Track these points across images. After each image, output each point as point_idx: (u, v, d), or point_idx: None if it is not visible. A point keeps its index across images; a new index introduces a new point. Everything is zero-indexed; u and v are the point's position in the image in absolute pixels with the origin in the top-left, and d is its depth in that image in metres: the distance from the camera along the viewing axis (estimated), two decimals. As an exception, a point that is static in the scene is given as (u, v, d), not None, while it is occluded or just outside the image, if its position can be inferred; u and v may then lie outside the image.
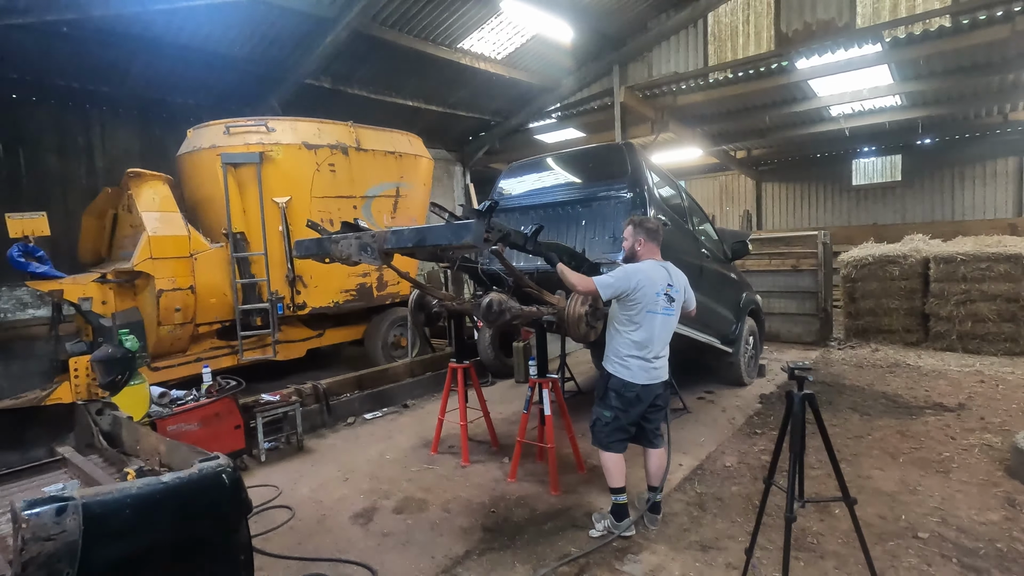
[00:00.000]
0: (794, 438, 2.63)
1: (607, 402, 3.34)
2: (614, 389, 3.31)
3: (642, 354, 3.26)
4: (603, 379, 3.40)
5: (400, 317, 7.77)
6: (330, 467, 4.56)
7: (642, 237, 3.34)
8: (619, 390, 3.29)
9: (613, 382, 3.31)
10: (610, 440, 3.36)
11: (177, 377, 6.16)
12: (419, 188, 7.88)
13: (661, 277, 3.27)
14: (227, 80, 8.58)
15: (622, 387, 3.28)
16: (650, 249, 3.35)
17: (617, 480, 3.36)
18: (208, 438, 4.27)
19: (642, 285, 3.18)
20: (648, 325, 3.23)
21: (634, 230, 3.36)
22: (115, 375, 3.82)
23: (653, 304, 3.21)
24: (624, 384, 3.28)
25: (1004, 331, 7.35)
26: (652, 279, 3.23)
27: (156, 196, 6.05)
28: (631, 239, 3.37)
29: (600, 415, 3.39)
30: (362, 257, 3.25)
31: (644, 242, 3.34)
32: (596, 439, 3.43)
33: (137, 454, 2.99)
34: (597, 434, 3.42)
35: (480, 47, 9.52)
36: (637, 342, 3.25)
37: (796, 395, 2.65)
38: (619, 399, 3.30)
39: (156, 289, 5.75)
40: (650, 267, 3.27)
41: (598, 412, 3.40)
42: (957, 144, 12.69)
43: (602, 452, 3.39)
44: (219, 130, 6.43)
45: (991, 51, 7.88)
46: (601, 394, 3.40)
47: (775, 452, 2.80)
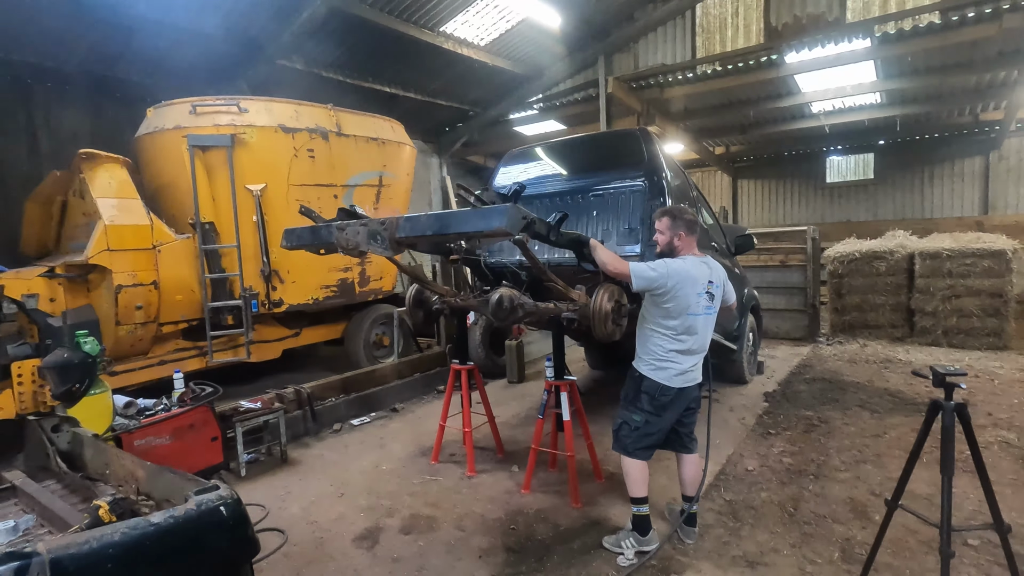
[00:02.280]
0: (946, 457, 2.24)
1: (638, 405, 3.05)
2: (647, 392, 3.02)
3: (680, 357, 2.99)
4: (634, 381, 3.10)
5: (383, 315, 7.31)
6: (321, 481, 4.11)
7: (682, 230, 3.02)
8: (653, 393, 3.01)
9: (647, 385, 3.02)
10: (637, 446, 3.07)
11: (137, 383, 5.56)
12: (402, 178, 7.43)
13: (702, 275, 2.99)
14: (190, 57, 7.88)
15: (657, 391, 3.00)
16: (689, 243, 3.05)
17: (641, 489, 3.07)
18: (181, 453, 3.78)
19: (681, 287, 2.89)
20: (689, 327, 2.96)
21: (672, 222, 3.03)
22: (72, 383, 3.27)
23: (695, 306, 2.94)
24: (659, 388, 2.99)
25: (988, 326, 7.47)
26: (693, 279, 2.93)
27: (113, 181, 5.42)
28: (669, 232, 3.04)
29: (628, 419, 3.08)
30: (371, 246, 2.85)
31: (684, 236, 3.03)
32: (620, 444, 3.13)
33: (106, 479, 2.51)
34: (623, 439, 3.11)
35: (464, 31, 9.10)
36: (677, 344, 2.97)
37: (947, 406, 2.27)
38: (652, 403, 3.01)
39: (114, 285, 5.15)
40: (692, 265, 2.97)
41: (626, 416, 3.09)
42: (928, 143, 13.05)
43: (625, 459, 3.10)
44: (184, 109, 5.83)
45: (975, 49, 8.00)
46: (632, 397, 3.09)
47: (905, 470, 2.50)
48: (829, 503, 3.54)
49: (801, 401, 5.58)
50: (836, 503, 3.54)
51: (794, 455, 4.30)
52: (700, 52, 9.06)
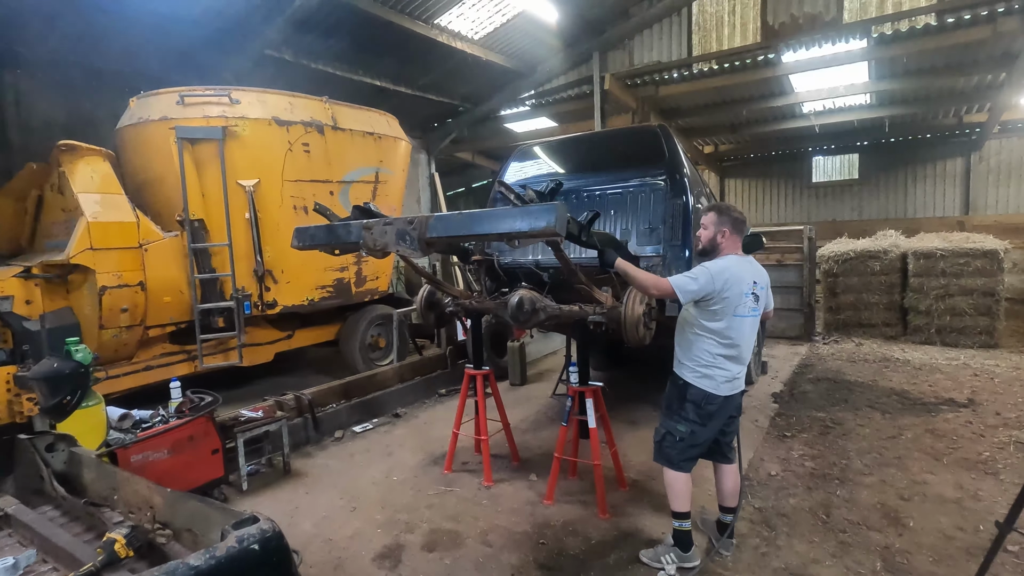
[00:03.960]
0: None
1: (683, 415, 2.90)
2: (693, 401, 2.87)
3: (728, 363, 2.85)
4: (677, 389, 2.94)
5: (379, 316, 7.07)
6: (330, 494, 3.89)
7: (727, 228, 2.86)
8: (699, 402, 2.86)
9: (692, 393, 2.87)
10: (682, 458, 2.93)
11: (120, 390, 5.23)
12: (398, 174, 7.20)
13: (748, 274, 2.85)
14: (172, 45, 7.49)
15: (703, 399, 2.85)
16: (734, 242, 2.89)
17: (684, 503, 2.93)
18: (181, 467, 3.53)
19: (730, 286, 2.75)
20: (737, 330, 2.81)
21: (719, 217, 2.87)
22: (63, 396, 3.00)
23: (741, 307, 2.79)
24: (706, 396, 2.84)
25: (980, 324, 7.59)
26: (739, 278, 2.79)
27: (95, 174, 5.07)
28: (713, 229, 2.88)
29: (672, 429, 2.93)
30: (400, 247, 2.65)
31: (729, 234, 2.87)
32: (664, 456, 2.98)
33: (113, 505, 2.27)
34: (666, 451, 2.96)
35: (458, 24, 8.87)
36: (724, 348, 2.82)
37: None
38: (698, 412, 2.87)
39: (98, 286, 4.82)
40: (736, 263, 2.82)
41: (670, 426, 2.94)
42: (911, 144, 13.29)
43: (669, 471, 2.96)
44: (171, 99, 5.50)
45: (967, 52, 8.11)
46: (676, 406, 2.94)
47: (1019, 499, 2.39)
48: (860, 509, 3.47)
49: (810, 402, 5.55)
50: (867, 509, 3.48)
51: (815, 459, 4.23)
52: (696, 50, 9.01)
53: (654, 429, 3.04)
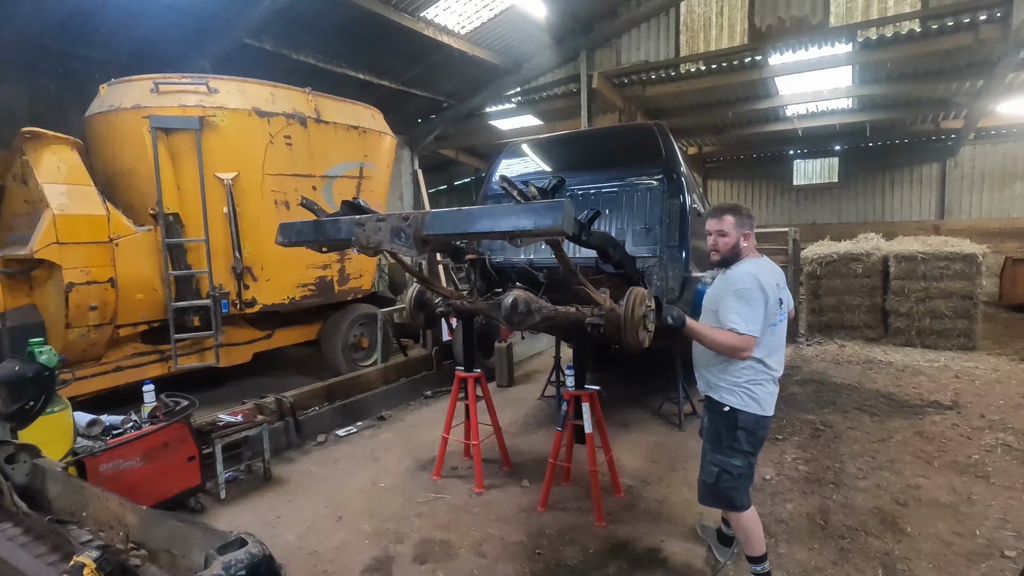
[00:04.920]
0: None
1: (737, 447, 2.56)
2: (744, 428, 2.55)
3: (771, 377, 2.60)
4: (722, 418, 2.59)
5: (362, 315, 6.87)
6: (314, 502, 3.72)
7: (748, 229, 2.63)
8: (751, 428, 2.56)
9: (743, 420, 2.54)
10: (743, 494, 2.61)
11: (87, 393, 4.96)
12: (383, 169, 7.02)
13: (772, 276, 2.62)
14: (144, 30, 7.16)
15: (754, 424, 2.56)
16: (752, 243, 2.68)
17: (761, 543, 2.64)
18: (154, 476, 3.33)
19: (768, 293, 2.51)
20: (774, 339, 2.59)
21: (738, 220, 2.60)
22: (25, 401, 2.78)
23: (775, 313, 2.56)
24: (757, 420, 2.56)
25: (958, 327, 7.71)
26: (770, 283, 2.54)
27: (62, 164, 4.80)
28: (735, 232, 2.60)
29: (728, 466, 2.57)
30: (394, 244, 2.50)
31: (750, 235, 2.64)
32: (723, 499, 2.63)
33: (81, 522, 2.09)
34: (725, 492, 2.60)
35: (445, 18, 8.70)
36: (766, 365, 2.56)
37: None
38: (751, 440, 2.57)
39: (64, 282, 4.56)
40: (765, 267, 2.60)
41: (723, 462, 2.58)
42: (889, 149, 13.56)
43: (737, 515, 2.61)
44: (145, 87, 5.24)
45: (948, 59, 8.26)
46: (725, 438, 2.58)
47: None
48: (857, 514, 3.44)
49: (799, 404, 5.54)
50: (864, 514, 3.44)
51: (808, 462, 4.21)
52: (684, 51, 9.01)
53: (702, 470, 2.67)
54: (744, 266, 2.60)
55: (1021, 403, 5.36)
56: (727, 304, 2.50)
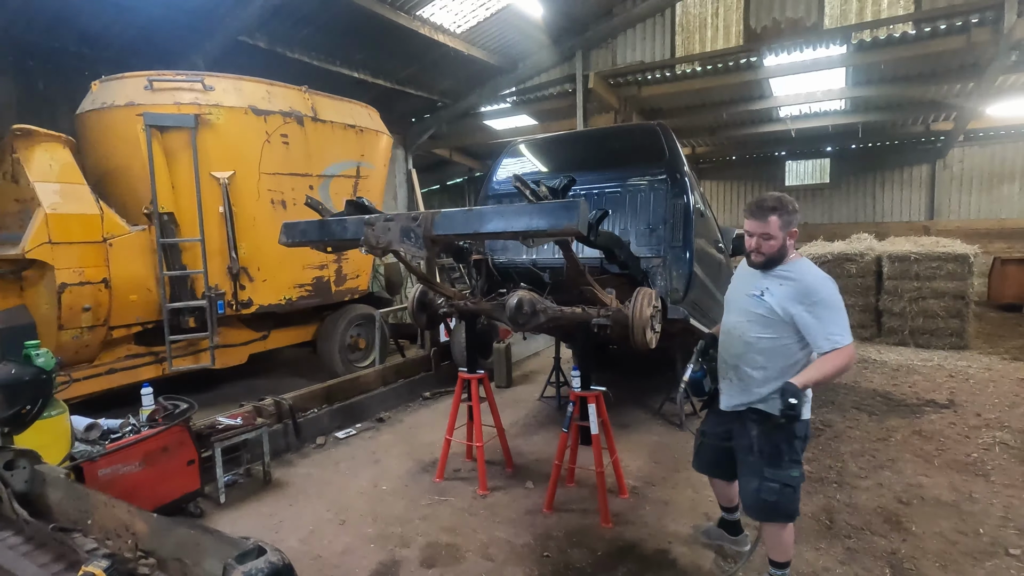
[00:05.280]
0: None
1: (795, 457, 2.45)
2: (803, 437, 2.46)
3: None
4: (784, 432, 2.39)
5: (359, 315, 6.82)
6: (316, 506, 3.67)
7: (794, 226, 2.45)
8: (806, 434, 2.49)
9: (801, 428, 2.42)
10: (798, 504, 2.51)
11: (80, 395, 4.86)
12: (379, 169, 6.96)
13: None
14: (137, 26, 7.05)
15: (807, 429, 2.49)
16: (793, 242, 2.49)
17: (792, 550, 2.62)
18: (154, 480, 3.27)
19: None
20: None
21: (784, 220, 2.39)
22: (22, 405, 2.71)
23: None
24: (807, 424, 2.47)
25: (951, 326, 7.80)
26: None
27: (54, 162, 4.70)
28: (782, 233, 2.40)
29: (789, 480, 2.43)
30: (404, 244, 2.47)
31: (795, 232, 2.47)
32: (785, 513, 2.47)
33: (86, 530, 2.03)
34: (786, 507, 2.45)
35: (441, 17, 8.65)
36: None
37: None
38: (793, 450, 2.45)
39: (57, 283, 4.47)
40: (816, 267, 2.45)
41: (785, 477, 2.42)
42: (880, 150, 13.70)
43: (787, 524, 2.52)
44: (139, 84, 5.15)
45: (939, 61, 8.35)
46: (787, 451, 2.43)
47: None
48: (862, 513, 3.46)
49: (798, 404, 5.56)
50: (868, 513, 3.46)
51: (810, 461, 4.21)
52: (679, 51, 9.03)
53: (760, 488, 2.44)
54: (809, 270, 2.41)
55: (1016, 402, 5.42)
56: (822, 317, 2.28)
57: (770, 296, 2.40)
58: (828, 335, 2.26)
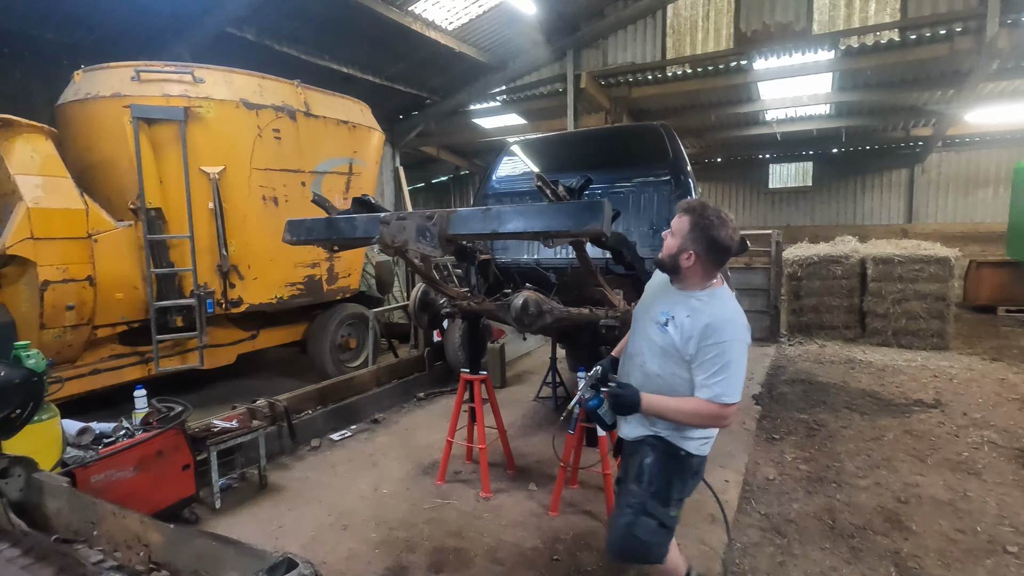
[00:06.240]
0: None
1: (682, 496, 2.17)
2: (699, 473, 2.22)
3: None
4: (678, 463, 2.13)
5: (349, 315, 6.70)
6: (316, 510, 3.58)
7: (715, 263, 2.07)
8: (699, 472, 2.23)
9: (698, 464, 2.18)
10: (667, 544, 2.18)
11: (62, 397, 4.66)
12: (371, 166, 6.85)
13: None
14: (118, 15, 6.82)
15: (702, 467, 2.23)
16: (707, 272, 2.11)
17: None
18: (148, 486, 3.15)
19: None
20: None
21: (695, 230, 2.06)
22: (11, 409, 2.58)
23: None
24: (702, 461, 2.22)
25: (932, 327, 7.99)
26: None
27: (36, 155, 4.52)
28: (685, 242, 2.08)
29: (668, 519, 2.11)
30: (419, 244, 2.41)
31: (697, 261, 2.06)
32: (657, 555, 2.14)
33: (91, 541, 1.94)
34: (659, 548, 2.14)
35: (433, 13, 8.57)
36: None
37: None
38: (685, 488, 2.18)
39: (39, 280, 4.29)
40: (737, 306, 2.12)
41: (666, 516, 2.11)
42: (861, 154, 14.01)
43: (661, 566, 2.19)
44: (125, 74, 4.98)
45: (924, 68, 8.55)
46: (678, 489, 2.14)
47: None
48: (863, 513, 3.50)
49: (790, 404, 5.64)
50: (869, 513, 3.50)
51: (808, 461, 4.27)
52: (670, 53, 9.08)
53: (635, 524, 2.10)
54: (723, 306, 2.03)
55: (999, 401, 5.57)
56: (714, 362, 1.95)
57: (674, 328, 2.06)
58: (712, 383, 1.94)
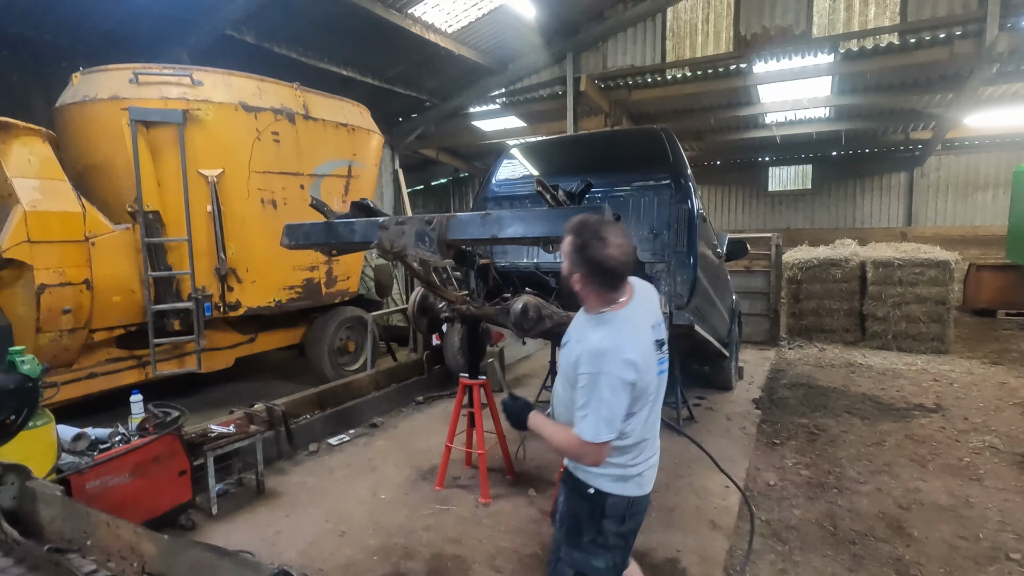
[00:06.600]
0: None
1: (600, 541, 1.88)
2: (614, 516, 1.87)
3: (649, 445, 1.93)
4: (586, 502, 1.88)
5: (348, 318, 6.68)
6: (313, 516, 3.55)
7: (582, 271, 1.75)
8: (620, 515, 1.87)
9: (612, 505, 1.86)
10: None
11: (57, 402, 4.63)
12: (371, 168, 6.84)
13: (647, 320, 1.85)
14: (117, 17, 6.80)
15: (625, 509, 1.87)
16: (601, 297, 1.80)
17: None
18: (144, 492, 3.13)
19: (646, 359, 1.77)
20: (649, 406, 1.86)
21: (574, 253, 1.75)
22: (6, 415, 2.56)
23: (651, 374, 1.82)
24: (630, 504, 1.87)
25: (932, 331, 7.98)
26: (646, 340, 1.80)
27: (33, 157, 4.50)
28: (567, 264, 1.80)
29: (588, 568, 1.89)
30: (418, 248, 2.40)
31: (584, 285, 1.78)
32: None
33: (84, 551, 1.91)
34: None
35: (433, 16, 8.56)
36: (643, 430, 1.86)
37: None
38: (620, 532, 1.89)
39: (36, 283, 4.27)
40: (633, 320, 1.79)
41: (584, 563, 1.89)
42: (860, 157, 14.02)
43: None
44: (124, 77, 4.96)
45: (924, 72, 8.56)
46: (588, 530, 1.88)
47: None
48: (864, 519, 3.48)
49: (791, 408, 5.62)
50: (870, 519, 3.48)
51: (809, 467, 4.25)
52: (670, 56, 9.08)
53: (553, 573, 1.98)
54: (605, 334, 1.73)
55: (1000, 406, 5.55)
56: (580, 393, 1.73)
57: (567, 351, 1.89)
58: (578, 416, 1.73)
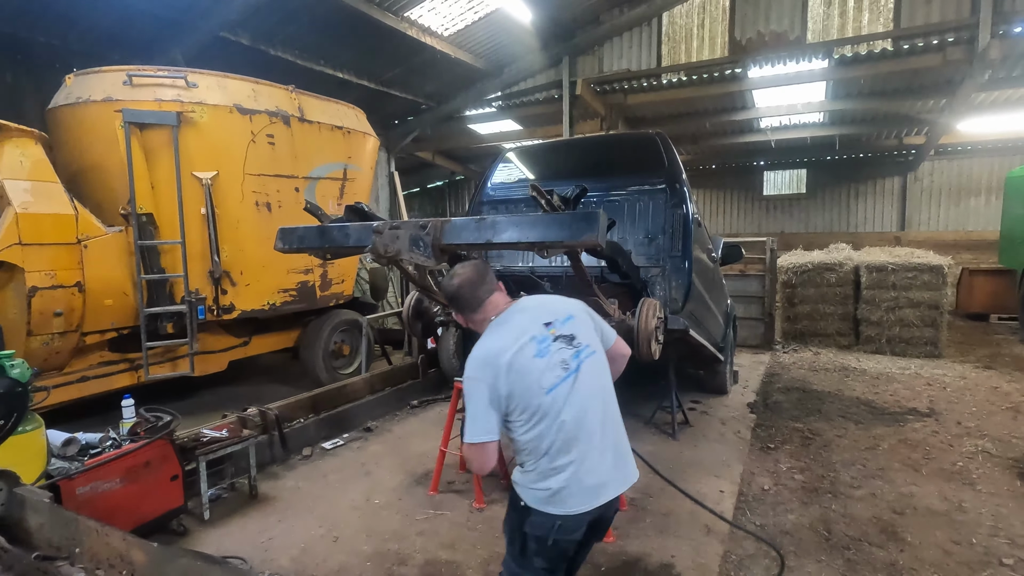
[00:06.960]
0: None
1: (526, 563, 1.81)
2: (538, 537, 1.76)
3: (570, 458, 1.72)
4: (516, 514, 1.83)
5: (343, 321, 6.66)
6: (306, 521, 3.53)
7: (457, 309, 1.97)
8: (544, 535, 1.74)
9: (534, 522, 1.76)
10: None
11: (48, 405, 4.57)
12: (366, 171, 6.83)
13: (525, 326, 1.83)
14: (112, 18, 6.77)
15: (549, 530, 1.73)
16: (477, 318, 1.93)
17: None
18: (135, 498, 3.09)
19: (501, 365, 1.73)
20: (552, 414, 1.72)
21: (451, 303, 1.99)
22: (-6, 420, 2.53)
23: (546, 375, 1.73)
24: (555, 525, 1.72)
25: (925, 335, 8.02)
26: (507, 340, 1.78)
27: (25, 159, 4.47)
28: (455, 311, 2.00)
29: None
30: (412, 253, 2.39)
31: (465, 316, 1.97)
32: None
33: (73, 559, 1.90)
34: None
35: (429, 19, 8.57)
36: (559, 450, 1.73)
37: None
38: (543, 552, 1.77)
39: (27, 286, 4.23)
40: (499, 328, 1.84)
41: (513, 571, 1.87)
42: (854, 162, 14.11)
43: None
44: (117, 79, 4.94)
45: (917, 77, 8.63)
46: (513, 547, 1.86)
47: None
48: (858, 524, 3.48)
49: (785, 412, 5.63)
50: (864, 524, 3.48)
51: (803, 471, 4.25)
52: (665, 61, 9.12)
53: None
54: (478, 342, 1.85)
55: (992, 410, 5.58)
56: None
57: None
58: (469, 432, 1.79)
